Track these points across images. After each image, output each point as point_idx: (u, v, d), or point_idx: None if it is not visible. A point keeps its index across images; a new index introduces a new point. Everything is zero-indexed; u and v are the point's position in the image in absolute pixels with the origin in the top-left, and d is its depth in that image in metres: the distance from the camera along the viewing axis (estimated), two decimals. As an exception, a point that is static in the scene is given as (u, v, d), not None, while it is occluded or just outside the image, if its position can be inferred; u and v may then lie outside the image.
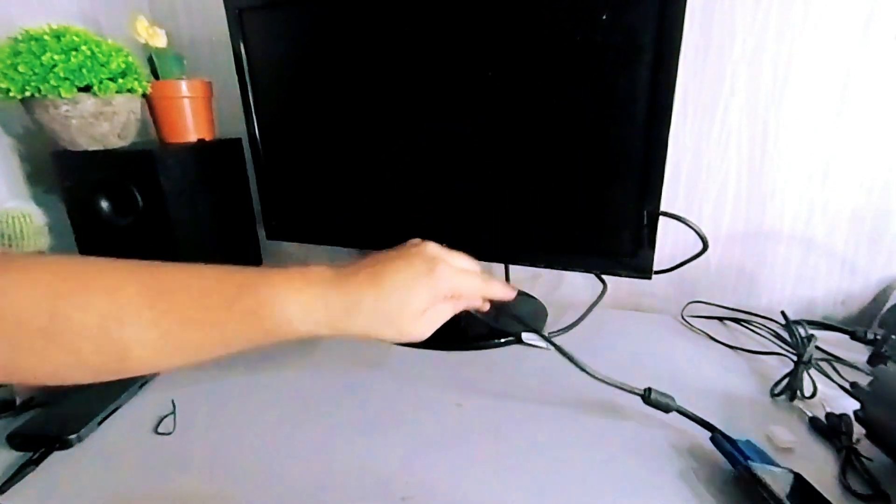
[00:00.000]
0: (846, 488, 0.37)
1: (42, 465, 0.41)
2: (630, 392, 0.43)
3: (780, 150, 0.62)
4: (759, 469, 0.35)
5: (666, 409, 0.42)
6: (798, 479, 0.35)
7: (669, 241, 0.68)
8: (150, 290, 0.33)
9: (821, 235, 0.64)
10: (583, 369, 0.44)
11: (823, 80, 0.58)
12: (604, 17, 0.48)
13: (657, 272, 0.55)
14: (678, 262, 0.61)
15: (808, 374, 0.49)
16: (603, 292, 0.67)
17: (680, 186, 0.66)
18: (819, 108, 0.59)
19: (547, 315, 0.67)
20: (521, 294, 0.74)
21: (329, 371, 0.55)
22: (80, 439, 0.44)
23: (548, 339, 0.49)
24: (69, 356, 0.30)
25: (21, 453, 0.43)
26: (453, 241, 0.62)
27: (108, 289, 0.32)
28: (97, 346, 0.31)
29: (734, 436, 0.39)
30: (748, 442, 0.39)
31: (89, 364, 0.31)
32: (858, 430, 0.41)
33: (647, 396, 0.42)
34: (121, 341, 0.31)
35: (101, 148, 0.63)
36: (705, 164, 0.65)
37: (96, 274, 0.32)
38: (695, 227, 0.56)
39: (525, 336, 0.58)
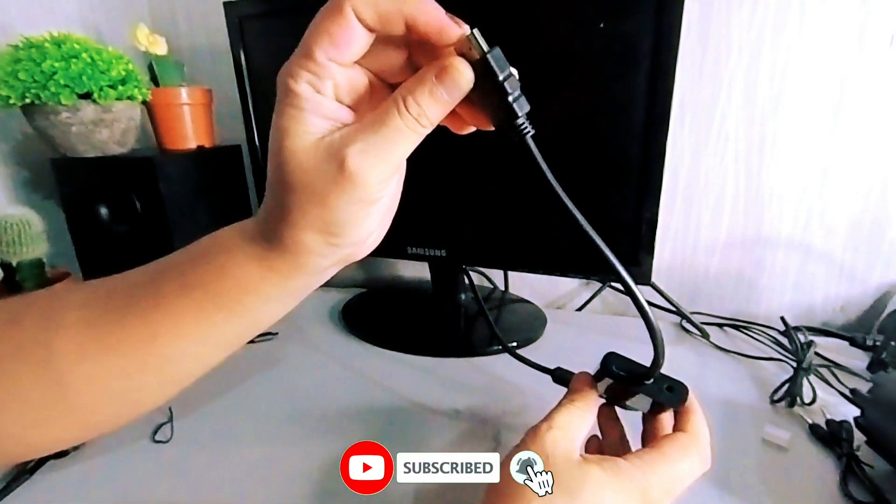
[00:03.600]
0: (847, 495, 0.37)
1: (37, 473, 0.41)
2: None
3: (778, 156, 0.62)
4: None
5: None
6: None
7: (669, 246, 0.69)
8: (86, 288, 0.26)
9: (819, 241, 0.64)
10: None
11: (820, 86, 0.58)
12: (601, 26, 0.48)
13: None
14: (677, 266, 0.61)
15: (808, 381, 0.49)
16: (601, 288, 0.67)
17: (678, 193, 0.66)
18: (816, 115, 0.59)
19: (546, 320, 0.67)
20: (520, 300, 0.74)
21: (327, 379, 0.55)
22: (75, 447, 0.43)
23: None
24: (5, 394, 0.24)
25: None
26: (452, 248, 0.62)
27: (46, 297, 0.26)
28: (33, 371, 0.24)
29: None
30: None
31: (28, 399, 0.24)
32: (859, 436, 0.40)
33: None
34: (50, 348, 0.24)
35: (101, 155, 0.63)
36: (703, 170, 0.65)
37: (40, 293, 0.27)
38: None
39: None
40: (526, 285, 0.76)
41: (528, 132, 0.23)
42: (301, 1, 0.60)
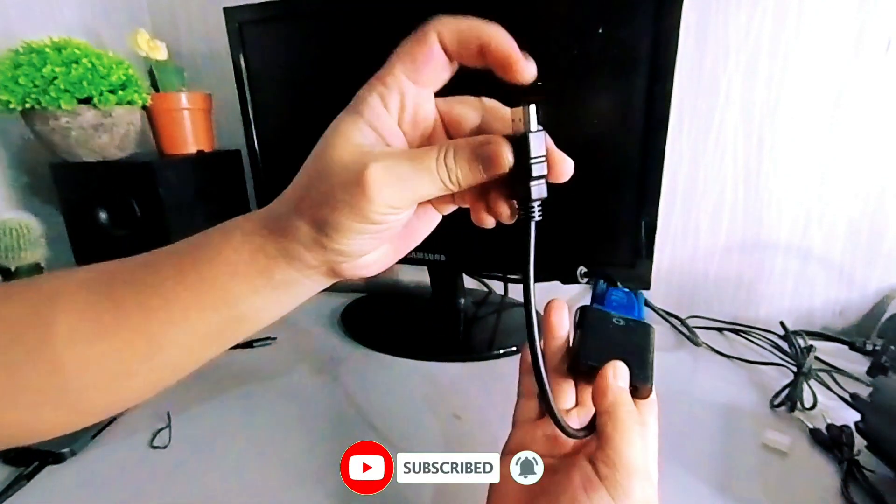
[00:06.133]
0: (848, 501, 0.36)
1: (34, 479, 0.41)
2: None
3: (776, 160, 0.62)
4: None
5: None
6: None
7: (668, 251, 0.69)
8: (85, 270, 0.26)
9: (818, 246, 0.64)
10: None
11: (817, 91, 0.59)
12: (600, 31, 0.48)
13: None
14: (676, 270, 0.61)
15: (808, 385, 0.49)
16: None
17: (677, 197, 0.67)
18: (813, 120, 0.60)
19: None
20: (520, 304, 0.74)
21: (326, 383, 0.55)
22: (73, 453, 0.43)
23: None
24: (3, 377, 0.23)
25: (13, 467, 0.42)
26: (452, 252, 0.62)
27: (43, 278, 0.27)
28: (29, 352, 0.23)
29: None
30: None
31: (24, 382, 0.24)
32: (860, 441, 0.40)
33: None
34: (47, 328, 0.23)
35: (101, 159, 0.64)
36: (702, 175, 0.65)
37: (61, 275, 0.26)
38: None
39: None
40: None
41: (535, 217, 0.24)
42: (300, 6, 0.61)
